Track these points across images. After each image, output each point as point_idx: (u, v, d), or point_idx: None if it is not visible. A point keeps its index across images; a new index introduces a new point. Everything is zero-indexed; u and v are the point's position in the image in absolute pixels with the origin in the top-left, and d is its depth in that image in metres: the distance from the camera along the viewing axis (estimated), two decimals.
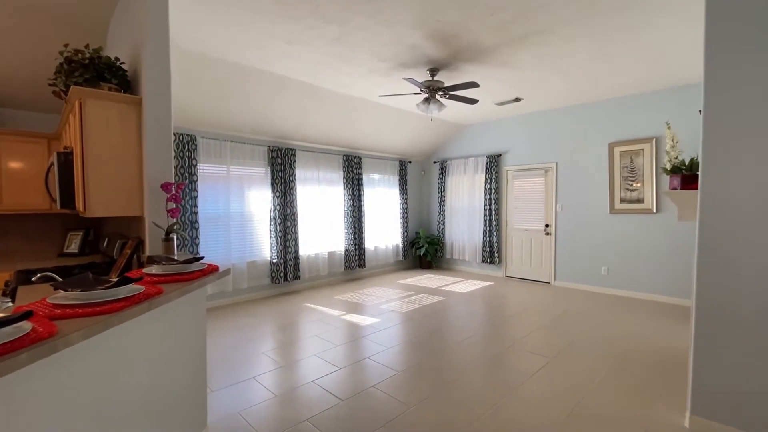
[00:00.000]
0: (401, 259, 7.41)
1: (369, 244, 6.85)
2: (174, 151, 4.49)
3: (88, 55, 2.30)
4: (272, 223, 5.40)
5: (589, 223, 5.68)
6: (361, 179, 6.60)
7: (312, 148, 5.98)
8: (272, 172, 5.40)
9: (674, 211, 4.91)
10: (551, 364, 3.09)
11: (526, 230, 6.39)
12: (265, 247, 5.40)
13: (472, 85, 3.81)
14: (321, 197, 6.06)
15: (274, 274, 5.42)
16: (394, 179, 7.36)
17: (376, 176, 7.04)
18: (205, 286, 1.84)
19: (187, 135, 4.59)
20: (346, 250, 6.39)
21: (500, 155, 6.65)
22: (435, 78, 4.16)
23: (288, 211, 5.54)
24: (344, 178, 6.36)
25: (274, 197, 5.41)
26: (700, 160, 2.23)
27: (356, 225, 6.51)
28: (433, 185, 7.85)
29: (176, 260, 1.71)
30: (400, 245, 7.41)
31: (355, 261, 6.49)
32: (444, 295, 5.45)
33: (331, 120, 5.56)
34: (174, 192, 2.32)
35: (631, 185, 5.28)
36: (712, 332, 2.14)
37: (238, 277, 5.08)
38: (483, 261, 6.83)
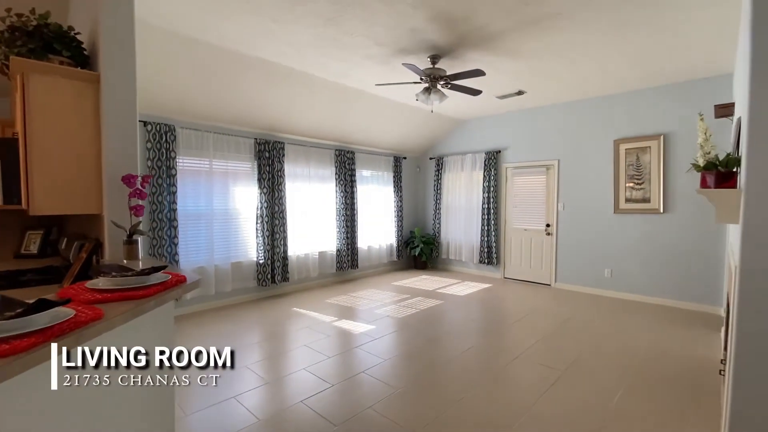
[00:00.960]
0: (395, 259, 7.12)
1: (362, 243, 6.53)
2: (150, 141, 4.10)
3: (33, 21, 1.93)
4: (259, 221, 5.04)
5: (592, 223, 5.46)
6: (354, 175, 6.26)
7: (302, 142, 5.62)
8: (259, 166, 5.03)
9: (683, 211, 4.71)
10: (563, 378, 2.83)
11: (525, 230, 6.15)
12: (251, 247, 5.04)
13: (478, 73, 3.51)
14: (311, 194, 5.71)
15: (260, 276, 5.06)
16: (389, 176, 7.05)
17: (369, 172, 6.71)
18: (168, 302, 1.50)
19: (165, 125, 4.20)
20: (338, 250, 6.06)
21: (499, 152, 6.39)
22: (436, 66, 3.85)
23: (276, 208, 5.18)
24: (336, 174, 6.02)
25: (261, 194, 5.04)
26: (743, 155, 1.96)
27: (349, 224, 6.18)
28: (429, 182, 7.56)
29: (129, 271, 1.37)
30: (395, 245, 7.11)
31: (348, 261, 6.16)
32: (441, 298, 5.17)
33: (322, 111, 5.21)
34: (138, 186, 1.97)
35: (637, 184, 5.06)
36: (758, 350, 1.89)
37: (222, 280, 4.71)
38: (480, 261, 6.57)
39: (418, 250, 6.99)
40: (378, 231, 6.84)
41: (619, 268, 5.23)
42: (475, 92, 4.13)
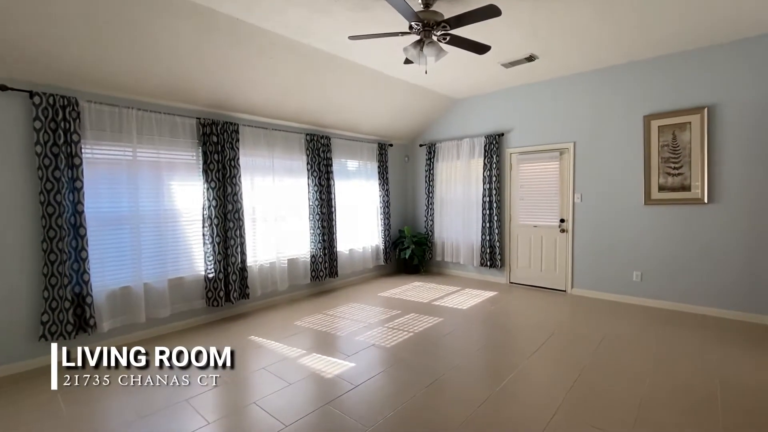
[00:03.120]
0: (382, 263, 6.10)
1: (342, 247, 5.49)
2: (40, 120, 2.96)
3: None
4: (207, 224, 3.95)
5: (617, 217, 4.54)
6: (331, 166, 5.20)
7: (262, 124, 4.52)
8: (205, 154, 3.93)
9: (733, 201, 3.82)
10: None
11: (535, 226, 5.21)
12: (196, 257, 3.95)
13: (491, 12, 2.49)
14: (277, 189, 4.63)
15: (210, 294, 3.98)
16: (372, 166, 6.00)
17: (349, 162, 5.66)
18: None
19: (63, 97, 3.06)
20: (313, 257, 5.00)
21: (502, 135, 5.41)
22: (432, 8, 2.81)
23: (230, 207, 4.09)
24: (308, 163, 4.94)
25: (208, 190, 3.94)
26: None
27: (325, 224, 5.12)
28: (420, 173, 6.55)
29: None
30: (381, 247, 6.09)
31: (325, 270, 5.12)
32: (438, 313, 4.18)
33: (284, 83, 4.12)
34: None
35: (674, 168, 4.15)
36: None
37: (155, 302, 3.61)
38: (482, 264, 5.61)
39: (409, 253, 5.99)
40: (361, 231, 5.80)
41: (650, 270, 4.33)
42: (482, 49, 3.12)
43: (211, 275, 3.97)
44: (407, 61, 3.33)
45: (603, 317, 3.96)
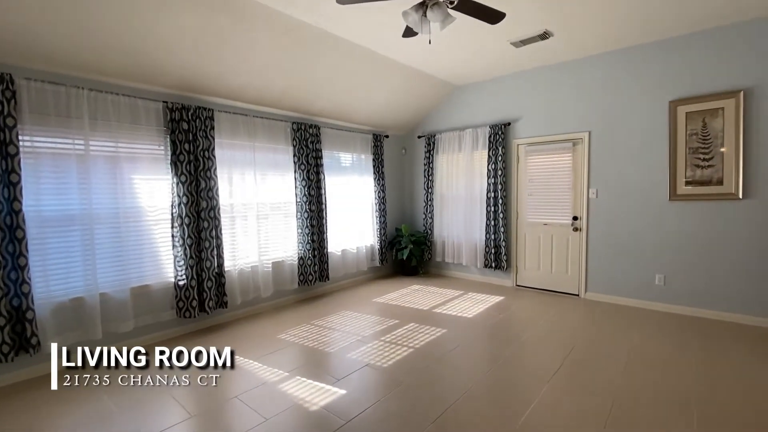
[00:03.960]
0: (378, 264, 5.63)
1: (334, 247, 5.01)
2: None
3: None
4: (176, 224, 3.45)
5: (637, 215, 4.11)
6: (321, 158, 4.70)
7: (242, 110, 4.01)
8: (174, 144, 3.42)
9: None
10: None
11: (545, 224, 4.76)
12: (164, 262, 3.45)
13: None
14: (259, 184, 4.13)
15: (181, 304, 3.49)
16: (367, 159, 5.51)
17: (341, 154, 5.16)
18: None
19: None
20: (301, 259, 4.52)
21: (509, 124, 4.94)
22: None
23: (204, 205, 3.59)
24: (295, 155, 4.44)
25: (178, 184, 3.44)
26: None
27: (315, 222, 4.64)
28: (418, 167, 6.08)
29: None
30: (376, 247, 5.61)
31: (314, 273, 4.63)
32: (441, 323, 3.73)
33: (266, 63, 3.61)
34: None
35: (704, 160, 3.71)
36: None
37: (115, 314, 3.12)
38: (486, 266, 5.16)
39: (407, 253, 5.53)
40: (354, 230, 5.32)
41: (675, 273, 3.91)
42: (495, 17, 2.64)
43: (182, 282, 3.48)
44: (407, 33, 2.84)
45: (625, 327, 3.53)
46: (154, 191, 3.37)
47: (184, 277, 3.48)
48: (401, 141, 6.18)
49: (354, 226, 5.30)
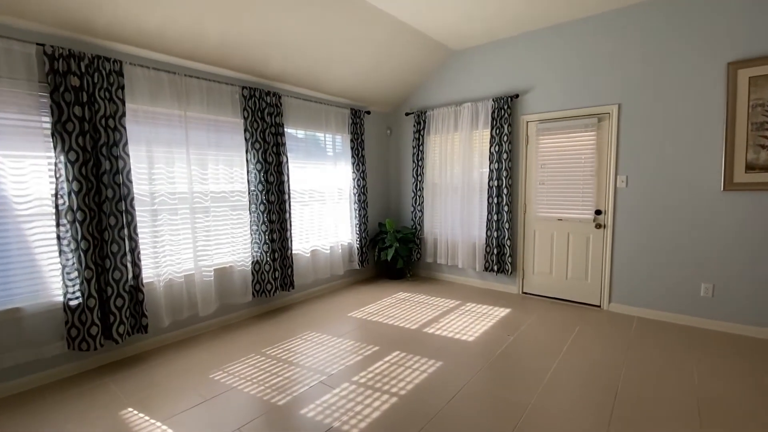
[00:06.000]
0: (357, 266, 4.69)
1: (301, 247, 4.06)
2: None
3: None
4: (65, 220, 2.43)
5: (679, 208, 3.27)
6: (282, 135, 3.70)
7: (167, 65, 2.98)
8: (57, 108, 2.38)
9: None
10: None
11: (560, 220, 3.90)
12: (48, 275, 2.44)
13: None
14: (195, 167, 3.12)
15: (74, 332, 2.49)
16: (344, 140, 4.54)
17: (310, 132, 4.17)
18: None
19: None
20: (257, 264, 3.55)
21: (516, 96, 4.03)
22: None
23: (108, 194, 2.58)
24: (247, 131, 3.43)
25: (66, 165, 2.42)
26: None
27: (275, 217, 3.66)
28: (406, 150, 5.13)
29: None
30: (355, 246, 4.68)
31: (274, 281, 3.67)
32: (435, 350, 2.84)
33: None
34: None
35: None
36: None
37: None
38: (486, 269, 4.29)
39: (392, 253, 4.61)
40: (328, 226, 4.37)
41: (727, 282, 3.10)
42: None
43: (74, 302, 2.48)
44: None
45: (675, 353, 2.70)
46: (26, 175, 2.34)
47: (77, 295, 2.48)
48: (386, 119, 5.22)
49: (327, 221, 4.35)
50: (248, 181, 3.47)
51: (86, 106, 2.49)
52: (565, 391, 2.27)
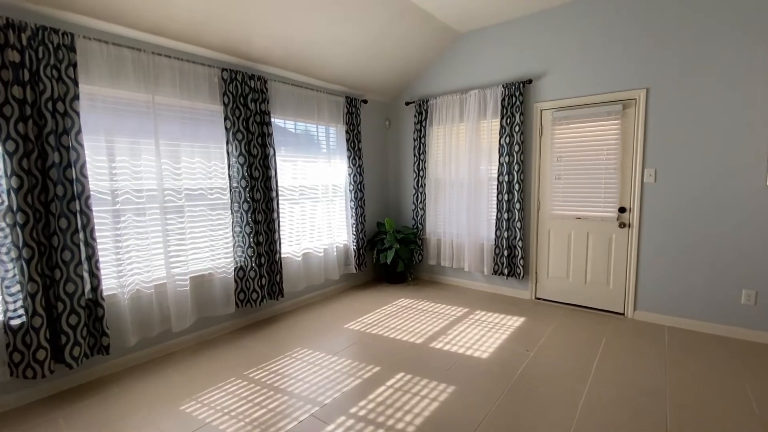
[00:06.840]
0: (354, 270, 4.30)
1: (292, 249, 3.66)
2: None
3: None
4: (0, 225, 2.02)
5: (715, 205, 2.91)
6: (269, 125, 3.29)
7: (130, 40, 2.55)
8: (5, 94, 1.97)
9: None
10: None
11: (578, 218, 3.53)
12: None
13: None
14: (166, 160, 2.71)
15: (18, 358, 2.08)
16: (339, 131, 4.13)
17: (300, 123, 3.76)
18: None
19: None
20: (240, 270, 3.14)
21: (529, 82, 3.64)
22: None
23: (59, 191, 2.17)
24: (228, 119, 3.02)
25: (2, 157, 2.00)
26: None
27: (260, 217, 3.26)
28: (406, 143, 4.74)
29: None
30: (352, 248, 4.28)
31: (261, 289, 3.27)
32: (446, 371, 2.46)
33: None
34: None
35: None
36: None
37: None
38: (495, 272, 3.92)
39: (391, 255, 4.22)
40: (321, 227, 3.97)
41: None
42: None
43: (16, 322, 2.07)
44: None
45: (724, 374, 2.34)
46: None
47: (20, 312, 2.07)
48: (384, 109, 4.81)
49: (320, 220, 3.95)
50: (229, 177, 3.05)
51: (28, 86, 2.06)
52: (605, 425, 1.90)
